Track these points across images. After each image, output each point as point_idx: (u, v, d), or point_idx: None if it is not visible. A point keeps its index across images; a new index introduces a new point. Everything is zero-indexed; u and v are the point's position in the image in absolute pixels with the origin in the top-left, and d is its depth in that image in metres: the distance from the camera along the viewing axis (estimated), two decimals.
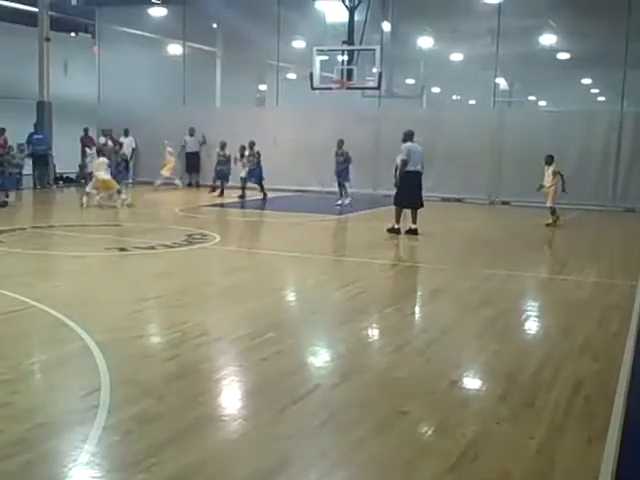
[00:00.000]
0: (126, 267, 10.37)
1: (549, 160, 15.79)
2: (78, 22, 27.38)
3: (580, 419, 4.88)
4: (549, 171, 15.73)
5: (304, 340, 6.88)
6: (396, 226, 13.58)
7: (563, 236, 15.44)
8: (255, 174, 20.03)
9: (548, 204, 15.84)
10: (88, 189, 17.67)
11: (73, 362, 5.86)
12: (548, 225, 15.67)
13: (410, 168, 13.48)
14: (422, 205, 13.91)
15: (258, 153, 20.08)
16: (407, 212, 13.84)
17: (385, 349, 6.71)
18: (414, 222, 13.72)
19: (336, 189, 19.29)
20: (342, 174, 18.60)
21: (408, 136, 13.80)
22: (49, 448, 4.26)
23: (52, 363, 5.84)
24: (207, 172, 22.60)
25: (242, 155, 20.11)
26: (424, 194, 19.32)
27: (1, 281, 8.57)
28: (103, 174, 17.41)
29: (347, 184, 18.75)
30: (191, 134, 23.59)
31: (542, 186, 15.82)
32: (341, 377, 5.70)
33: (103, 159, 17.94)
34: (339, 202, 18.65)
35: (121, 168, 19.68)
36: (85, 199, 17.24)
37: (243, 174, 20.04)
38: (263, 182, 20.05)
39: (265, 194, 20.01)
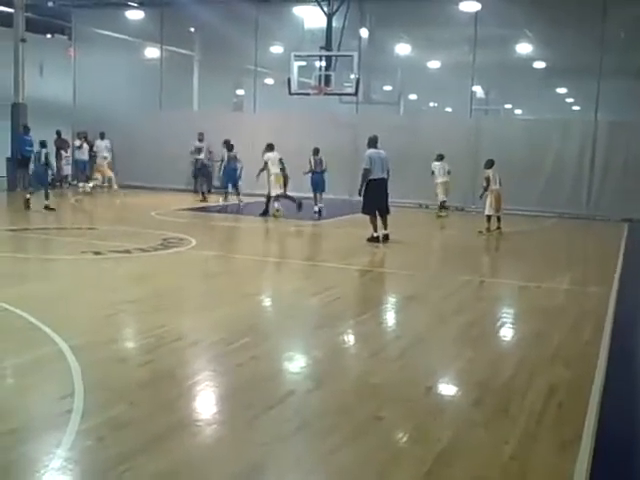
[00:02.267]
0: (101, 271, 10.29)
1: (488, 165, 15.53)
2: (54, 24, 27.18)
3: (553, 425, 4.92)
4: (485, 175, 15.55)
5: (280, 346, 6.86)
6: (375, 234, 13.56)
7: (537, 243, 15.55)
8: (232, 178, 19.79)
9: (486, 212, 15.57)
10: (275, 192, 17.24)
11: (47, 366, 5.80)
12: (480, 233, 15.42)
13: (374, 176, 13.46)
14: (388, 211, 13.89)
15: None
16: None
17: (361, 355, 6.72)
18: (385, 228, 13.76)
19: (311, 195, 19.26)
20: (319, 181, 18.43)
21: (372, 142, 13.83)
22: (21, 453, 4.21)
23: (25, 367, 5.78)
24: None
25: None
26: (401, 200, 19.53)
27: None
28: (276, 169, 17.14)
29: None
30: (200, 140, 23.09)
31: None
32: (316, 383, 5.69)
33: (276, 154, 17.37)
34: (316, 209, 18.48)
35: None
36: (277, 205, 17.16)
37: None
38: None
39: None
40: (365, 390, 5.55)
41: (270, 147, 17.41)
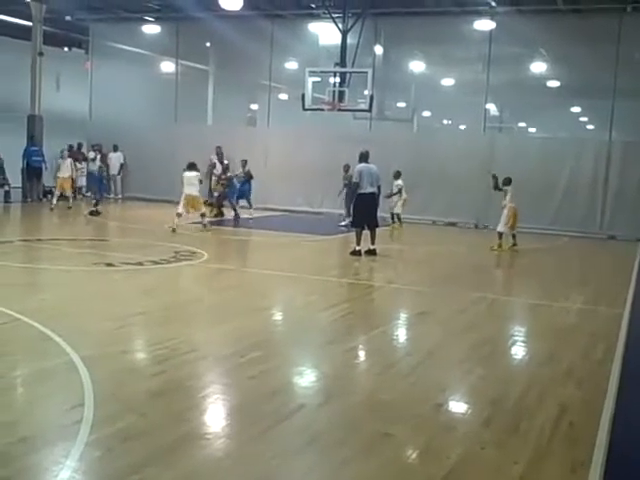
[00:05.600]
0: (113, 282, 10.32)
1: (506, 182, 15.51)
2: (72, 37, 27.43)
3: (564, 446, 4.88)
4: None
5: (290, 360, 6.86)
6: (357, 248, 13.72)
7: (550, 262, 15.50)
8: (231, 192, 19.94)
9: (499, 229, 15.54)
10: (180, 210, 16.45)
11: (57, 376, 5.82)
12: (493, 249, 15.46)
13: (363, 190, 13.62)
14: (377, 225, 14.02)
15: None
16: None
17: (371, 371, 6.70)
18: (373, 243, 13.83)
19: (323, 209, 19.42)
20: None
21: (362, 157, 13.97)
22: (30, 463, 4.22)
23: (36, 377, 5.80)
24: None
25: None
26: (414, 216, 19.55)
27: None
28: (194, 190, 16.50)
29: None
30: (218, 154, 22.37)
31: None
32: (326, 398, 5.68)
33: (195, 173, 16.65)
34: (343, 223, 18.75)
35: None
36: (176, 221, 16.23)
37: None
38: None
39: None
40: (375, 406, 5.53)
41: (188, 166, 16.90)
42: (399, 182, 19.05)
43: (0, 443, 4.41)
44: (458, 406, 5.80)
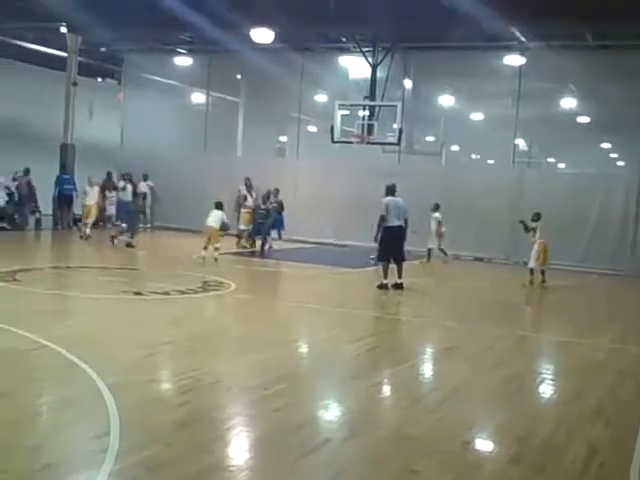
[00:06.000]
0: (140, 311, 10.38)
1: (535, 217, 15.48)
2: (105, 68, 27.94)
3: None
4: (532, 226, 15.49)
5: (316, 393, 6.82)
6: (384, 282, 13.64)
7: (579, 299, 15.33)
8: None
9: (531, 265, 15.53)
10: (204, 244, 16.23)
11: (84, 404, 5.83)
12: (524, 286, 15.40)
13: (389, 223, 13.57)
14: (404, 259, 13.93)
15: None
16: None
17: (397, 406, 6.64)
18: (400, 276, 13.76)
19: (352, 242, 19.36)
20: None
21: (389, 190, 13.96)
22: None
23: (62, 404, 5.82)
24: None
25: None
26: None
27: (15, 320, 8.57)
28: (215, 223, 16.20)
29: None
30: (247, 185, 21.47)
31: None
32: (352, 432, 5.63)
33: (221, 212, 16.43)
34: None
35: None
36: (203, 254, 16.04)
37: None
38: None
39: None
40: (401, 441, 5.47)
41: (215, 205, 16.69)
42: (437, 215, 18.95)
43: (24, 470, 4.42)
44: (485, 443, 5.72)
